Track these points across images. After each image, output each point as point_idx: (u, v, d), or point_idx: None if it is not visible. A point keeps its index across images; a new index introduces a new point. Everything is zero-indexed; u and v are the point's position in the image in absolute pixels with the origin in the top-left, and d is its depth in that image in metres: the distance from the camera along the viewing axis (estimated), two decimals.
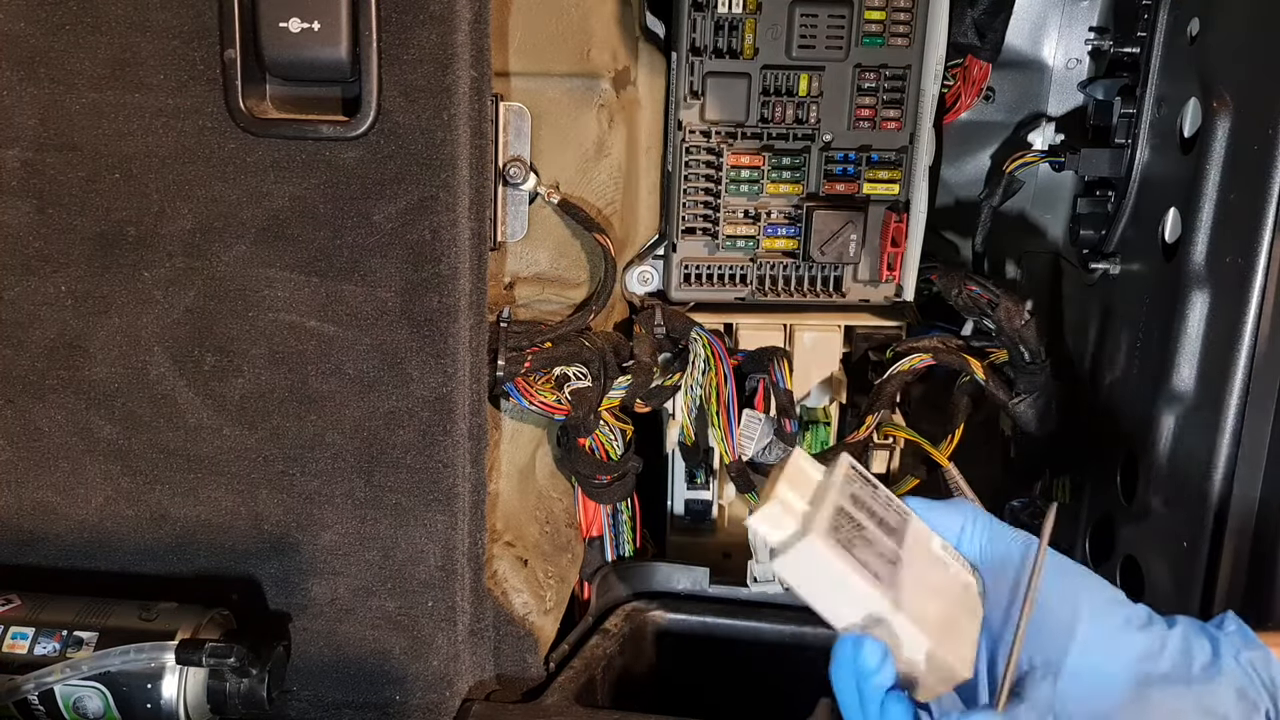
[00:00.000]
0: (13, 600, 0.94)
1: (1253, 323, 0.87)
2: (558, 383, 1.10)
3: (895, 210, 1.15)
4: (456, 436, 0.97)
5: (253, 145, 0.92)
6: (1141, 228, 1.06)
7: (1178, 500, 0.96)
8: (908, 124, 1.13)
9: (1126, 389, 1.08)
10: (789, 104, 1.12)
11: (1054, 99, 1.27)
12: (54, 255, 0.96)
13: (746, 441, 1.11)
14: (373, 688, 1.02)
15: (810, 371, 1.19)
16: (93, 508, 1.00)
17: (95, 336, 0.97)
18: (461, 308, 0.95)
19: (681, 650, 1.19)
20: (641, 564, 1.23)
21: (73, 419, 0.98)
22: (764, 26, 1.09)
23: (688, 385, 1.12)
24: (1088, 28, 1.23)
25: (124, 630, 0.91)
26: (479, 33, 0.92)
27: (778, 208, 1.16)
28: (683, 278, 1.18)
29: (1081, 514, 1.16)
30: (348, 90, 0.92)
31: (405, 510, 0.98)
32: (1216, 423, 0.90)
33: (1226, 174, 0.91)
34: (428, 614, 1.00)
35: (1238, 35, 0.92)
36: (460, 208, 0.93)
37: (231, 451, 0.98)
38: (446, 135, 0.91)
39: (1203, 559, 0.90)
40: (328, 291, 0.95)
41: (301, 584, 1.00)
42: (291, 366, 0.96)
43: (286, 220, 0.94)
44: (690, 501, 1.28)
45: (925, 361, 1.13)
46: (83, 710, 0.90)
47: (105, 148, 0.93)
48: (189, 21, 0.91)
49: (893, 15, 1.09)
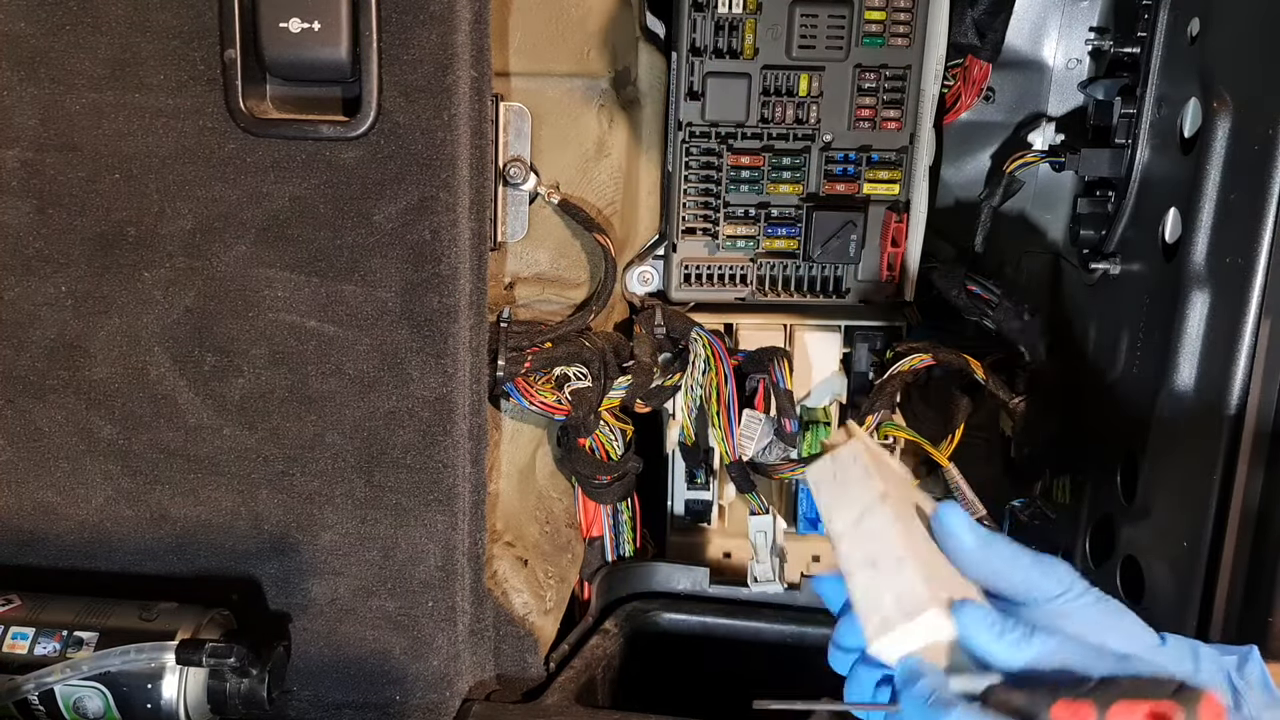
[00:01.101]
0: (13, 600, 0.94)
1: (1253, 323, 0.87)
2: (558, 383, 1.10)
3: (895, 210, 1.15)
4: (456, 436, 0.97)
5: (253, 145, 0.92)
6: (1141, 228, 1.06)
7: (1178, 500, 0.96)
8: (908, 124, 1.13)
9: (1126, 389, 1.08)
10: (789, 104, 1.12)
11: (1054, 99, 1.27)
12: (54, 255, 0.96)
13: (746, 441, 1.11)
14: (373, 688, 1.02)
15: (810, 371, 1.19)
16: (93, 508, 1.00)
17: (95, 336, 0.97)
18: (461, 308, 0.95)
19: (681, 650, 1.19)
20: (641, 564, 1.23)
21: (73, 419, 0.98)
22: (764, 26, 1.09)
23: (688, 385, 1.12)
24: (1088, 28, 1.23)
25: (124, 630, 0.91)
26: (479, 33, 0.92)
27: (778, 208, 1.16)
28: (683, 278, 1.18)
29: (1081, 514, 1.16)
30: (348, 90, 0.92)
31: (405, 510, 0.98)
32: (1216, 423, 0.90)
33: (1226, 174, 0.91)
34: (428, 614, 1.00)
35: (1238, 35, 0.92)
36: (460, 208, 0.93)
37: (231, 451, 0.98)
38: (447, 135, 0.91)
39: (1203, 559, 0.90)
40: (328, 291, 0.95)
41: (301, 584, 1.00)
42: (291, 366, 0.96)
43: (286, 220, 0.94)
44: (690, 501, 1.28)
45: (925, 361, 1.13)
46: (83, 710, 0.90)
47: (105, 148, 0.93)
48: (189, 21, 0.91)
49: (893, 15, 1.09)
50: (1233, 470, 0.89)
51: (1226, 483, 0.89)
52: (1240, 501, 0.88)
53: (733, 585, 1.20)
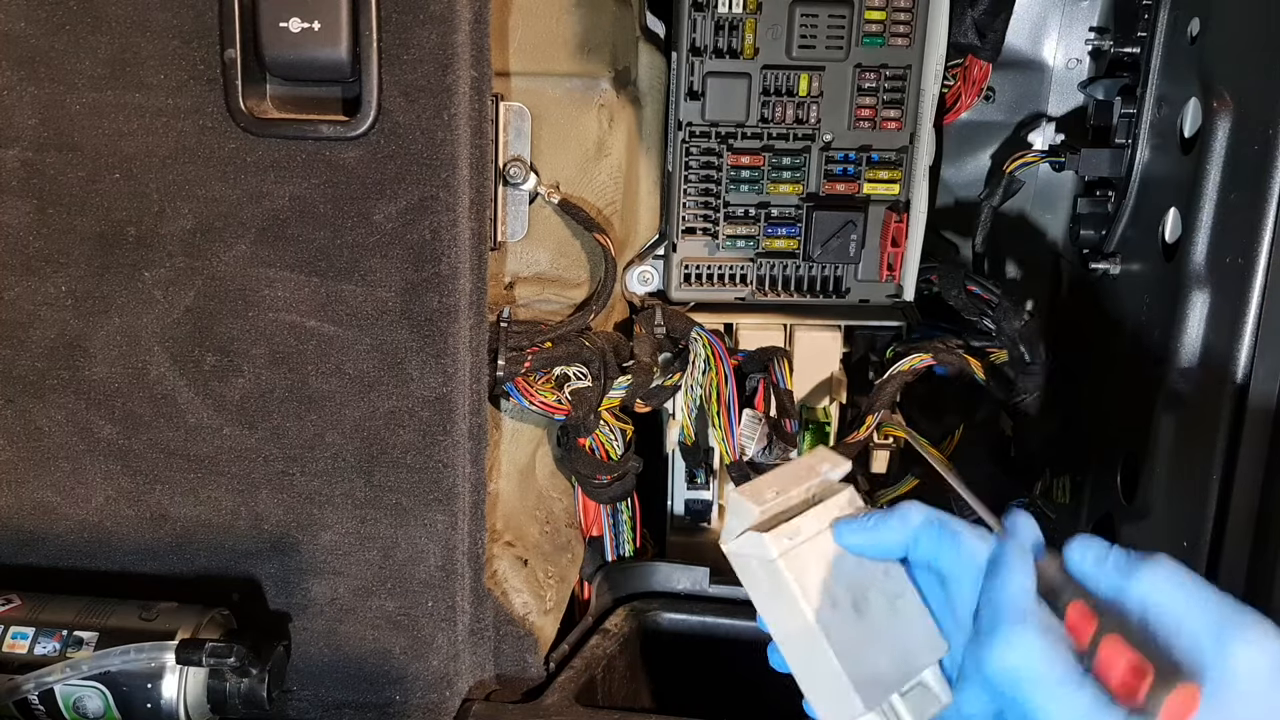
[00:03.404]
0: (13, 600, 0.94)
1: (1253, 323, 0.87)
2: (558, 383, 1.10)
3: (895, 210, 1.15)
4: (456, 436, 0.97)
5: (253, 145, 0.92)
6: (1141, 228, 1.06)
7: (1178, 500, 0.96)
8: (908, 124, 1.13)
9: (1126, 389, 1.08)
10: (789, 104, 1.12)
11: (1054, 99, 1.27)
12: (54, 255, 0.96)
13: (747, 441, 1.11)
14: (373, 688, 1.02)
15: (810, 371, 1.19)
16: (93, 508, 1.00)
17: (95, 336, 0.97)
18: (461, 308, 0.95)
19: (681, 650, 1.19)
20: (641, 564, 1.23)
21: (73, 419, 0.98)
22: (764, 26, 1.09)
23: (688, 385, 1.12)
24: (1088, 28, 1.23)
25: (124, 630, 0.91)
26: (479, 33, 0.92)
27: (778, 208, 1.16)
28: (683, 278, 1.18)
29: (1081, 514, 1.16)
30: (348, 90, 0.92)
31: (405, 510, 0.98)
32: (1216, 422, 0.90)
33: (1226, 174, 0.91)
34: (428, 614, 1.00)
35: (1238, 35, 0.92)
36: (460, 208, 0.93)
37: (231, 451, 0.98)
38: (447, 135, 0.91)
39: (1203, 559, 0.90)
40: (328, 291, 0.95)
41: (301, 584, 1.00)
42: (291, 366, 0.96)
43: (286, 220, 0.94)
44: (690, 501, 1.28)
45: (925, 361, 1.13)
46: (83, 710, 0.90)
47: (105, 148, 0.93)
48: (189, 21, 0.91)
49: (893, 15, 1.09)
50: (1233, 470, 0.89)
51: (1226, 483, 0.89)
52: (1240, 501, 0.88)
53: (733, 585, 1.20)
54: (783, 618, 0.65)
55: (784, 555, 0.64)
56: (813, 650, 0.63)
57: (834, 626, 0.63)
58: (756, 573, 0.65)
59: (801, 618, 0.63)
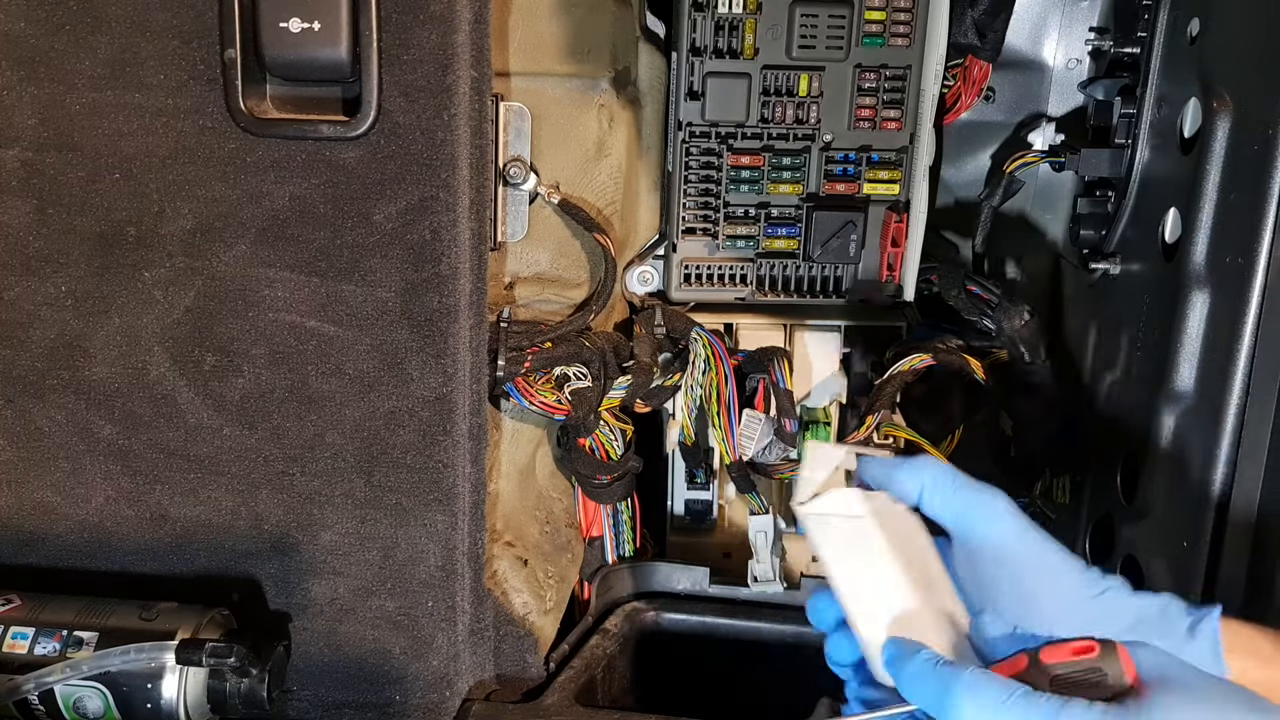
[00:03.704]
0: (13, 600, 0.94)
1: (1253, 323, 0.87)
2: (558, 383, 1.10)
3: (895, 210, 1.15)
4: (456, 436, 0.97)
5: (253, 145, 0.92)
6: (1141, 228, 1.06)
7: (1178, 500, 0.96)
8: (908, 124, 1.13)
9: (1126, 389, 1.08)
10: (789, 104, 1.12)
11: (1054, 99, 1.27)
12: (54, 255, 0.96)
13: (747, 441, 1.11)
14: (373, 688, 1.02)
15: (810, 371, 1.19)
16: (93, 508, 1.00)
17: (95, 336, 0.97)
18: (461, 308, 0.95)
19: (681, 650, 1.19)
20: (641, 564, 1.23)
21: (73, 419, 0.98)
22: (764, 26, 1.09)
23: (688, 385, 1.12)
24: (1088, 28, 1.23)
25: (124, 630, 0.91)
26: (479, 33, 0.92)
27: (778, 208, 1.16)
28: (683, 278, 1.18)
29: (1081, 514, 1.16)
30: (348, 90, 0.92)
31: (405, 510, 0.98)
32: (1216, 423, 0.90)
33: (1226, 174, 0.91)
34: (428, 614, 1.00)
35: (1238, 35, 0.92)
36: (460, 208, 0.93)
37: (231, 451, 0.98)
38: (447, 135, 0.91)
39: (1203, 559, 0.90)
40: (328, 291, 0.95)
41: (301, 584, 1.00)
42: (291, 366, 0.96)
43: (286, 220, 0.94)
44: (690, 501, 1.28)
45: (925, 361, 1.13)
46: (83, 710, 0.90)
47: (105, 148, 0.93)
48: (189, 21, 0.91)
49: (893, 15, 1.09)
50: (1233, 470, 0.89)
51: (1226, 483, 0.89)
52: (1240, 501, 0.88)
53: (733, 585, 1.20)
54: (858, 571, 0.67)
55: (869, 515, 0.67)
56: (890, 604, 0.66)
57: (909, 584, 0.66)
58: (839, 527, 0.68)
59: (885, 572, 0.66)
